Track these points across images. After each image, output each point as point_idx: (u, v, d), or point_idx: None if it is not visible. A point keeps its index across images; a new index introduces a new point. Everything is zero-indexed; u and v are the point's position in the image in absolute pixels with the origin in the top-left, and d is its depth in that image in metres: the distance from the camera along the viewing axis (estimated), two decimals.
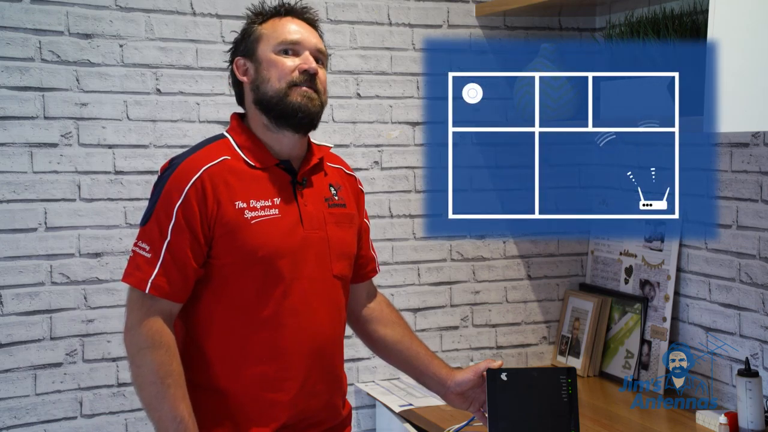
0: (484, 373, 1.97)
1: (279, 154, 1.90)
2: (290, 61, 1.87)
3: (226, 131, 1.93)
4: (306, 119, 1.87)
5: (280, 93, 1.86)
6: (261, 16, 1.93)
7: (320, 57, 1.92)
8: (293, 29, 1.90)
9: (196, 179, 1.80)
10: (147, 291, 1.76)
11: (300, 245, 1.86)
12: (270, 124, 1.88)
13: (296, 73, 1.87)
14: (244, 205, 1.82)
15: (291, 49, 1.88)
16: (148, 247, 1.79)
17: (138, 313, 1.78)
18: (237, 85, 1.95)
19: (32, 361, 2.47)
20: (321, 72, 1.91)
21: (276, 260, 1.83)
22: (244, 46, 1.92)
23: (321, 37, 1.96)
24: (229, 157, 1.85)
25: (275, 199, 1.86)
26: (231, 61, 1.95)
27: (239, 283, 1.82)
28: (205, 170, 1.81)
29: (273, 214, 1.84)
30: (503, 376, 1.95)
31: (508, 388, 1.96)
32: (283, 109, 1.86)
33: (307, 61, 1.88)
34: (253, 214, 1.83)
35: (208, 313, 1.82)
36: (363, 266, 2.08)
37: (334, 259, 1.92)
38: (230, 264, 1.81)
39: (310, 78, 1.87)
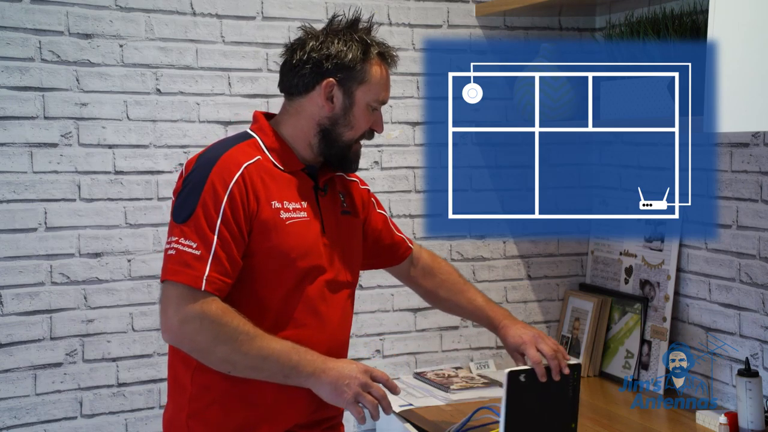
0: (505, 373, 1.95)
1: (305, 160, 1.92)
2: (372, 117, 1.93)
3: (252, 130, 1.93)
4: (351, 171, 1.99)
5: (351, 142, 1.92)
6: (372, 50, 1.90)
7: None
8: (389, 86, 1.95)
9: (239, 175, 1.80)
10: (203, 288, 1.74)
11: (322, 249, 1.90)
12: (315, 146, 1.91)
13: (367, 129, 1.93)
14: (279, 205, 1.84)
15: (380, 107, 1.94)
16: (195, 244, 1.75)
17: (195, 307, 1.74)
18: (302, 85, 1.89)
19: (32, 361, 2.47)
20: None
21: (304, 262, 1.86)
22: (346, 75, 1.88)
23: None
24: (261, 157, 1.86)
25: (302, 203, 1.88)
26: (318, 67, 1.87)
27: (267, 281, 1.83)
28: (245, 167, 1.81)
29: (302, 217, 1.87)
30: (522, 378, 1.95)
31: (524, 389, 1.96)
32: (341, 156, 1.92)
33: (380, 123, 1.95)
34: (287, 215, 1.85)
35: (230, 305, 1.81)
36: (396, 250, 2.19)
37: (345, 265, 1.97)
38: (261, 262, 1.82)
39: (371, 135, 1.96)
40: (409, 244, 2.22)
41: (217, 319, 1.74)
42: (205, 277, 1.74)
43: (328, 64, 1.87)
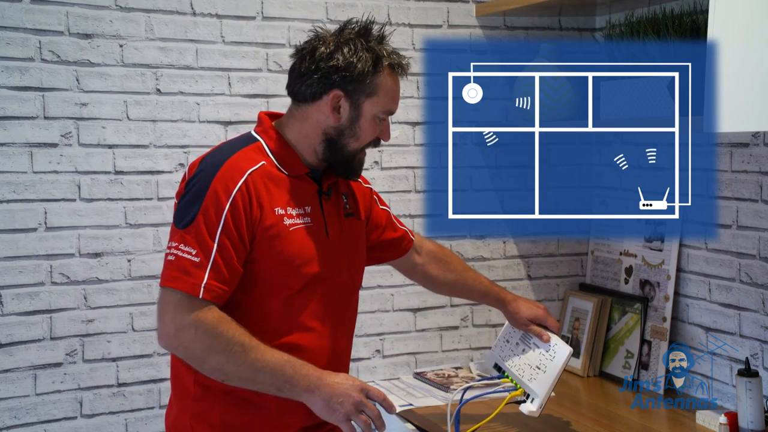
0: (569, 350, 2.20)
1: (309, 164, 1.92)
2: (378, 127, 1.91)
3: (257, 132, 1.92)
4: (352, 178, 1.99)
5: (356, 152, 1.91)
6: (383, 62, 1.88)
7: None
8: (397, 97, 1.93)
9: (242, 183, 1.79)
10: (201, 296, 1.73)
11: (326, 254, 1.89)
12: (320, 153, 1.90)
13: (374, 138, 1.92)
14: (283, 211, 1.84)
15: (387, 117, 1.92)
16: (194, 251, 1.75)
17: (191, 316, 1.73)
18: (310, 94, 1.87)
19: (32, 361, 2.47)
20: None
21: (308, 268, 1.85)
22: (354, 88, 1.85)
23: None
24: (265, 162, 1.86)
25: (306, 207, 1.88)
26: (326, 78, 1.85)
27: (271, 287, 1.83)
28: (249, 174, 1.81)
29: (306, 223, 1.87)
30: None
31: None
32: (346, 165, 1.91)
33: (388, 132, 1.94)
34: (291, 221, 1.84)
35: (236, 316, 1.81)
36: (399, 243, 2.21)
37: (349, 268, 1.97)
38: (265, 269, 1.82)
39: (377, 144, 1.95)
40: (411, 236, 2.25)
41: (212, 329, 1.73)
42: (203, 285, 1.74)
43: (337, 76, 1.84)
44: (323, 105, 1.87)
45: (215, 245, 1.75)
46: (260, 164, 1.84)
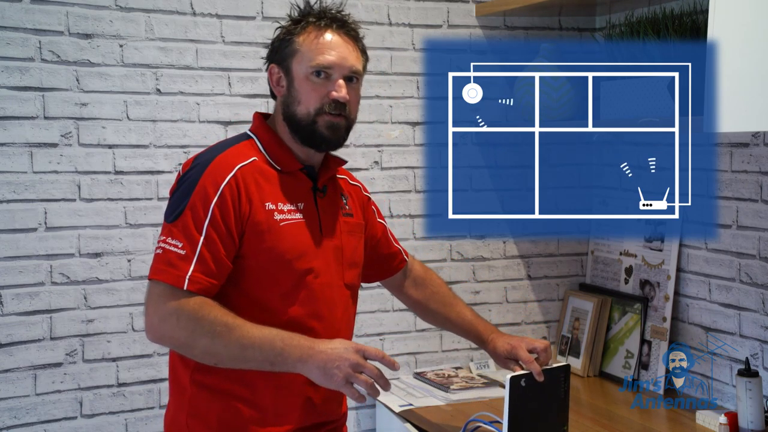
0: (507, 378, 1.91)
1: (303, 159, 1.92)
2: (322, 86, 1.85)
3: (250, 131, 1.94)
4: (330, 147, 1.91)
5: (309, 119, 1.86)
6: (299, 23, 1.87)
7: (354, 76, 1.88)
8: (329, 49, 1.84)
9: (231, 177, 1.79)
10: (185, 288, 1.73)
11: (320, 251, 1.88)
12: (296, 139, 1.90)
13: (326, 100, 1.85)
14: (274, 207, 1.83)
15: (324, 72, 1.85)
16: (181, 244, 1.75)
17: (172, 304, 1.73)
18: (268, 82, 1.95)
19: (32, 361, 2.47)
20: (352, 93, 1.88)
21: (300, 263, 1.85)
22: (280, 56, 1.89)
23: (360, 47, 1.91)
24: (257, 158, 1.86)
25: (299, 204, 1.88)
26: (267, 64, 1.93)
27: (264, 283, 1.83)
28: (238, 169, 1.81)
29: (298, 218, 1.86)
30: (522, 383, 1.93)
31: (524, 394, 1.94)
32: (309, 134, 1.87)
33: (339, 89, 1.85)
34: (281, 216, 1.84)
35: (231, 311, 1.80)
36: (391, 260, 2.18)
37: (346, 267, 1.96)
38: (256, 265, 1.82)
39: (339, 106, 1.85)
40: (404, 256, 2.22)
41: (194, 314, 1.73)
42: (187, 277, 1.73)
43: (268, 52, 1.93)
44: (274, 91, 1.92)
45: (202, 238, 1.75)
46: (251, 160, 1.84)
